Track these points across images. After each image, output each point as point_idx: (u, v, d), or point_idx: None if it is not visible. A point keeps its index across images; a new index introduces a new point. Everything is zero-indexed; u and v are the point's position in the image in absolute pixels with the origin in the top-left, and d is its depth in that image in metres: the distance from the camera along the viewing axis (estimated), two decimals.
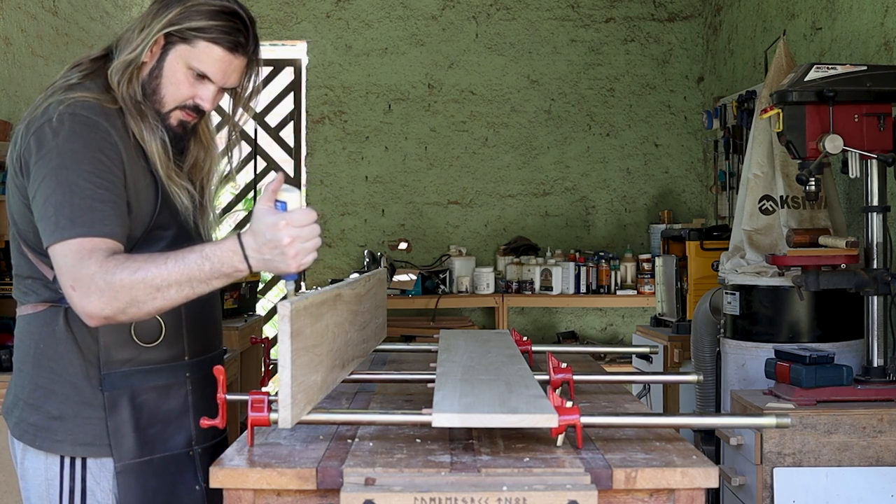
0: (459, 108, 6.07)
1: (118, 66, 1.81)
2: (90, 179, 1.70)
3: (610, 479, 1.59)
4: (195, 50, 1.80)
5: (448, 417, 1.65)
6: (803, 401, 2.65)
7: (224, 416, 1.76)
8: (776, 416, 1.81)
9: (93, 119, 1.75)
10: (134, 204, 1.79)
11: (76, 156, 1.71)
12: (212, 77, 1.83)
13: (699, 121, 5.88)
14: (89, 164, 1.71)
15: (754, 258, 3.18)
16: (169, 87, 1.83)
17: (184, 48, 1.81)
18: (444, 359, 2.26)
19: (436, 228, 6.07)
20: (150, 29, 1.80)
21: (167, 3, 1.81)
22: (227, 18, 1.81)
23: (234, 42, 1.82)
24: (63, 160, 1.71)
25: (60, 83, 1.83)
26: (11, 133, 2.14)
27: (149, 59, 1.82)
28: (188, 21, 1.79)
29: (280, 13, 6.03)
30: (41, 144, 1.73)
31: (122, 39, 1.85)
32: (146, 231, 1.81)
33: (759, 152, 3.26)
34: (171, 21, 1.78)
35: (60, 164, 1.70)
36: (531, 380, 1.98)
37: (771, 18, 4.54)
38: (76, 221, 1.68)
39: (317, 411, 1.74)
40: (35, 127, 1.75)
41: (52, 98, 1.78)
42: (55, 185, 1.70)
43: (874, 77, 2.77)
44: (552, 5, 6.07)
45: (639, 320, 5.90)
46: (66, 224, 1.68)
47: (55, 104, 1.75)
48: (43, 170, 1.72)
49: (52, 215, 1.69)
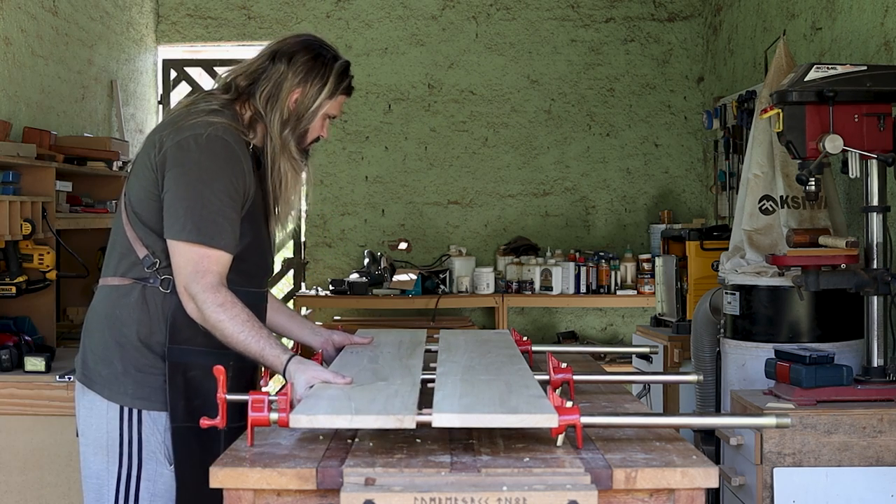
0: (459, 108, 6.07)
1: (278, 116, 2.19)
2: (219, 196, 2.07)
3: (610, 479, 1.59)
4: (334, 102, 2.26)
5: (448, 417, 1.65)
6: (803, 401, 2.65)
7: (224, 415, 1.80)
8: (776, 416, 1.82)
9: (231, 145, 2.12)
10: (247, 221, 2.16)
11: (213, 173, 2.08)
12: (336, 116, 2.31)
13: (699, 121, 5.88)
14: (221, 184, 2.08)
15: (754, 258, 3.18)
16: (313, 132, 2.26)
17: (327, 102, 2.24)
18: (445, 359, 2.26)
19: (436, 228, 6.07)
20: (314, 95, 2.22)
21: (310, 66, 2.22)
22: (348, 73, 2.29)
23: (352, 89, 2.31)
24: (202, 174, 2.08)
25: (204, 106, 2.17)
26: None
27: (294, 108, 2.20)
28: (332, 81, 2.22)
29: (280, 13, 6.02)
30: (185, 153, 2.09)
31: (260, 92, 2.20)
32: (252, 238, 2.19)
33: (759, 152, 3.26)
34: (321, 83, 2.22)
35: (199, 178, 2.07)
36: (531, 380, 1.98)
37: (771, 18, 4.54)
38: (202, 230, 2.06)
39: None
40: (181, 137, 2.10)
41: (199, 119, 2.12)
42: (190, 192, 2.07)
43: (874, 77, 2.77)
44: (552, 5, 6.07)
45: (639, 320, 5.89)
46: (192, 229, 2.05)
47: (203, 124, 2.11)
48: (183, 177, 2.08)
49: (181, 215, 2.06)
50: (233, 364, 2.12)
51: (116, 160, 4.34)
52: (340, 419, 1.67)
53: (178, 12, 6.08)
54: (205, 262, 2.06)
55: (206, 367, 2.05)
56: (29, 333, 3.42)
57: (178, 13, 6.08)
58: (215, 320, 2.05)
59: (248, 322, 2.06)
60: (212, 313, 2.05)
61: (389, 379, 2.00)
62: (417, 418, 1.66)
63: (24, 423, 3.16)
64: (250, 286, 2.23)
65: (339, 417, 1.68)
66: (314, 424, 1.68)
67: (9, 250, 3.43)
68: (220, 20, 6.05)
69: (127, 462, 2.15)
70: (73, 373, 2.30)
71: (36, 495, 3.17)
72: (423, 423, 1.66)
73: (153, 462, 2.15)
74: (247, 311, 2.07)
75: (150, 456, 2.15)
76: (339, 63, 2.26)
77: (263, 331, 2.08)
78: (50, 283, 3.58)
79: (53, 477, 3.15)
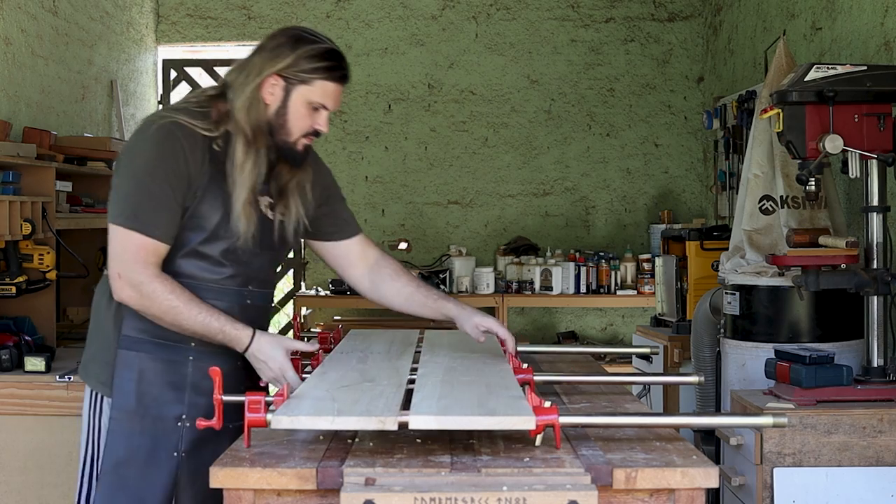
0: (459, 108, 6.07)
1: (242, 102, 2.12)
2: (158, 184, 2.06)
3: (610, 478, 1.59)
4: (313, 88, 2.14)
5: (425, 419, 1.64)
6: (803, 401, 2.65)
7: (220, 416, 1.79)
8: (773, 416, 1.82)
9: (178, 137, 2.08)
10: (198, 212, 2.12)
11: (153, 161, 2.07)
12: (327, 106, 2.17)
13: (699, 121, 5.87)
14: (160, 171, 2.06)
15: (754, 258, 3.18)
16: (295, 121, 2.15)
17: (303, 88, 2.13)
18: (427, 360, 2.26)
19: (436, 228, 6.07)
20: (266, 71, 2.12)
21: (277, 52, 2.12)
22: (331, 57, 2.16)
23: (341, 76, 2.18)
24: (143, 161, 2.08)
25: (176, 104, 2.21)
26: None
27: (272, 101, 2.13)
28: (303, 65, 2.12)
29: (280, 13, 6.02)
30: (128, 147, 2.16)
31: (235, 82, 2.15)
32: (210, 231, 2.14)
33: (759, 152, 3.26)
34: (287, 65, 2.11)
35: (138, 166, 2.09)
36: (512, 381, 1.98)
37: (771, 18, 4.54)
38: (139, 217, 2.05)
39: None
40: (132, 136, 2.17)
41: (160, 113, 2.16)
42: (129, 178, 2.09)
43: (874, 77, 2.77)
44: (552, 5, 6.07)
45: (639, 320, 5.89)
46: (130, 214, 2.06)
47: (158, 117, 2.13)
48: (125, 163, 2.12)
49: (120, 199, 2.09)
50: (192, 360, 2.15)
51: (116, 160, 4.33)
52: (322, 420, 1.67)
53: (178, 12, 6.08)
54: (142, 252, 2.06)
55: (164, 360, 2.14)
56: (29, 333, 3.42)
57: (178, 13, 6.08)
58: (168, 306, 2.05)
59: (202, 304, 2.08)
60: (164, 300, 2.05)
61: (376, 380, 1.99)
62: (399, 419, 1.65)
63: (24, 423, 3.16)
64: (245, 284, 2.21)
65: (320, 419, 1.67)
66: (296, 425, 1.67)
67: (9, 250, 3.43)
68: (220, 20, 6.05)
69: (93, 450, 2.20)
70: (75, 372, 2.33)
71: (36, 495, 3.17)
72: (403, 425, 1.65)
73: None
74: (196, 296, 2.09)
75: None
76: (318, 45, 2.14)
77: (217, 310, 2.09)
78: (50, 283, 3.58)
79: (53, 477, 3.15)
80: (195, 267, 2.14)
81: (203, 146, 2.11)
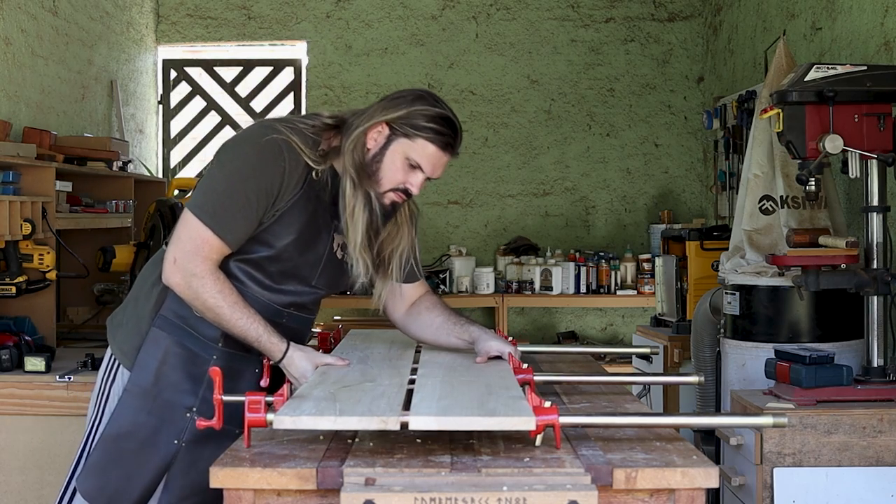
0: (459, 108, 6.05)
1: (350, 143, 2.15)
2: (247, 192, 2.09)
3: (610, 478, 1.59)
4: (414, 145, 2.15)
5: (425, 420, 1.64)
6: (803, 401, 2.65)
7: (220, 416, 1.79)
8: (773, 416, 1.82)
9: (283, 158, 2.11)
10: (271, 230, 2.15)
11: (251, 170, 2.10)
12: (423, 168, 2.18)
13: (699, 121, 5.87)
14: (254, 181, 2.09)
15: (754, 258, 3.18)
16: (387, 171, 2.17)
17: (405, 142, 2.14)
18: (427, 360, 2.26)
19: (436, 228, 6.07)
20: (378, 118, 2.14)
21: (397, 103, 2.15)
22: (443, 123, 2.15)
23: (446, 143, 2.16)
24: (241, 165, 2.11)
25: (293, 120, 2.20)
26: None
27: (373, 147, 2.15)
28: (413, 120, 2.13)
29: (280, 13, 6.02)
30: (234, 146, 2.17)
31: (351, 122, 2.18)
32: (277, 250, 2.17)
33: (759, 152, 3.26)
34: (398, 117, 2.13)
35: (236, 168, 2.12)
36: (512, 381, 1.98)
37: (771, 18, 4.54)
38: (217, 216, 2.09)
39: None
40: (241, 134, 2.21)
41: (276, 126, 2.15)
42: (224, 177, 2.13)
43: (874, 77, 2.77)
44: (552, 5, 6.07)
45: (639, 320, 5.89)
46: (210, 210, 2.10)
47: (270, 129, 2.14)
48: (226, 160, 2.14)
49: (205, 193, 2.13)
50: (216, 359, 2.17)
51: (116, 160, 4.33)
52: (324, 420, 1.67)
53: (178, 12, 6.07)
54: (206, 248, 2.10)
55: (190, 350, 2.16)
56: (29, 333, 3.42)
57: (178, 13, 6.07)
58: (213, 304, 2.09)
59: (246, 310, 2.11)
60: (209, 297, 2.09)
61: (377, 380, 1.99)
62: (401, 419, 1.65)
63: (24, 423, 3.16)
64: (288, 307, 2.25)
65: (323, 419, 1.67)
66: (298, 426, 1.67)
67: (9, 250, 3.43)
68: (220, 20, 6.05)
69: (99, 413, 2.21)
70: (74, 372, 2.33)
71: (36, 495, 3.17)
72: (404, 425, 1.66)
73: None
74: (243, 299, 2.12)
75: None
76: (434, 108, 2.15)
77: (259, 318, 2.12)
78: (50, 283, 3.58)
79: (53, 477, 3.14)
80: (247, 276, 2.18)
81: (303, 172, 2.14)
